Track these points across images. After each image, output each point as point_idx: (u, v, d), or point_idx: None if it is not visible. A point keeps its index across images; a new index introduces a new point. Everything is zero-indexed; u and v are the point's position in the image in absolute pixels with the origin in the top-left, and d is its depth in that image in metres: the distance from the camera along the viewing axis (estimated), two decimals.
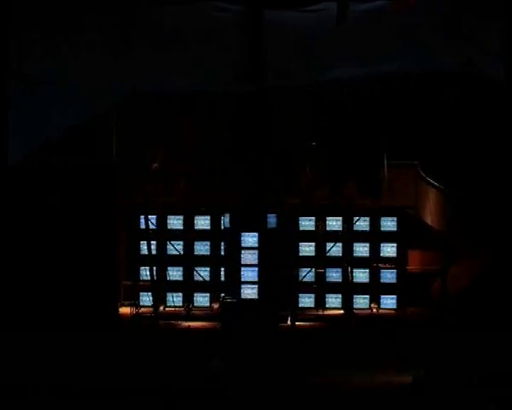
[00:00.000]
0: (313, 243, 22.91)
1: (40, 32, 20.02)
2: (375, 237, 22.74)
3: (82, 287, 20.54)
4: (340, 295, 22.70)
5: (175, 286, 22.79)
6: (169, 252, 22.92)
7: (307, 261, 22.80)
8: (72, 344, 17.68)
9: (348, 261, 22.40)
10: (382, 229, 22.80)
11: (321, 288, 22.65)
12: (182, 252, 22.89)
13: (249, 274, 21.08)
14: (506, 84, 19.39)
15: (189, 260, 22.90)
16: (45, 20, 20.00)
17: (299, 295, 22.58)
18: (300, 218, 22.80)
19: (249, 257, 21.12)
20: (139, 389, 14.24)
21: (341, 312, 22.55)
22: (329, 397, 14.16)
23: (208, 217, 22.96)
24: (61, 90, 19.68)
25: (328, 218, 22.74)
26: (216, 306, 22.26)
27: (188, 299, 22.62)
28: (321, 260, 22.89)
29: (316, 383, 15.02)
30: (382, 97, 22.29)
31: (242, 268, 21.09)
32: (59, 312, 20.23)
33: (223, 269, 22.23)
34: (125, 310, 21.65)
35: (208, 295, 22.79)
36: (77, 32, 20.01)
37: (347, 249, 22.52)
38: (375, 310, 22.59)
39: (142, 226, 22.61)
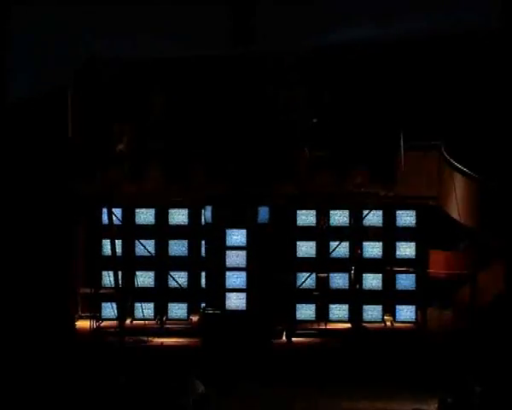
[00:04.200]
0: (314, 242, 21.37)
1: None
2: (390, 234, 21.26)
3: (29, 296, 19.29)
4: (346, 306, 21.24)
5: (145, 295, 21.41)
6: (138, 253, 21.46)
7: (306, 264, 21.33)
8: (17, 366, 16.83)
9: (356, 264, 20.94)
10: (398, 224, 21.27)
11: (323, 296, 21.19)
12: (153, 253, 21.51)
13: (235, 280, 20.03)
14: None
15: (162, 263, 21.46)
16: None
17: (297, 305, 21.22)
18: (298, 211, 21.35)
19: (235, 259, 20.05)
20: None
21: (348, 326, 21.08)
22: None
23: (186, 210, 21.44)
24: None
25: (331, 211, 21.29)
26: (195, 318, 21.05)
27: (161, 310, 21.34)
28: (323, 263, 21.33)
29: None
30: (398, 65, 20.79)
31: (227, 272, 20.06)
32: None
33: (203, 274, 20.86)
34: (83, 324, 20.79)
35: (186, 305, 21.36)
36: None
37: (355, 250, 21.05)
38: (389, 323, 21.19)
39: (105, 221, 21.01)
